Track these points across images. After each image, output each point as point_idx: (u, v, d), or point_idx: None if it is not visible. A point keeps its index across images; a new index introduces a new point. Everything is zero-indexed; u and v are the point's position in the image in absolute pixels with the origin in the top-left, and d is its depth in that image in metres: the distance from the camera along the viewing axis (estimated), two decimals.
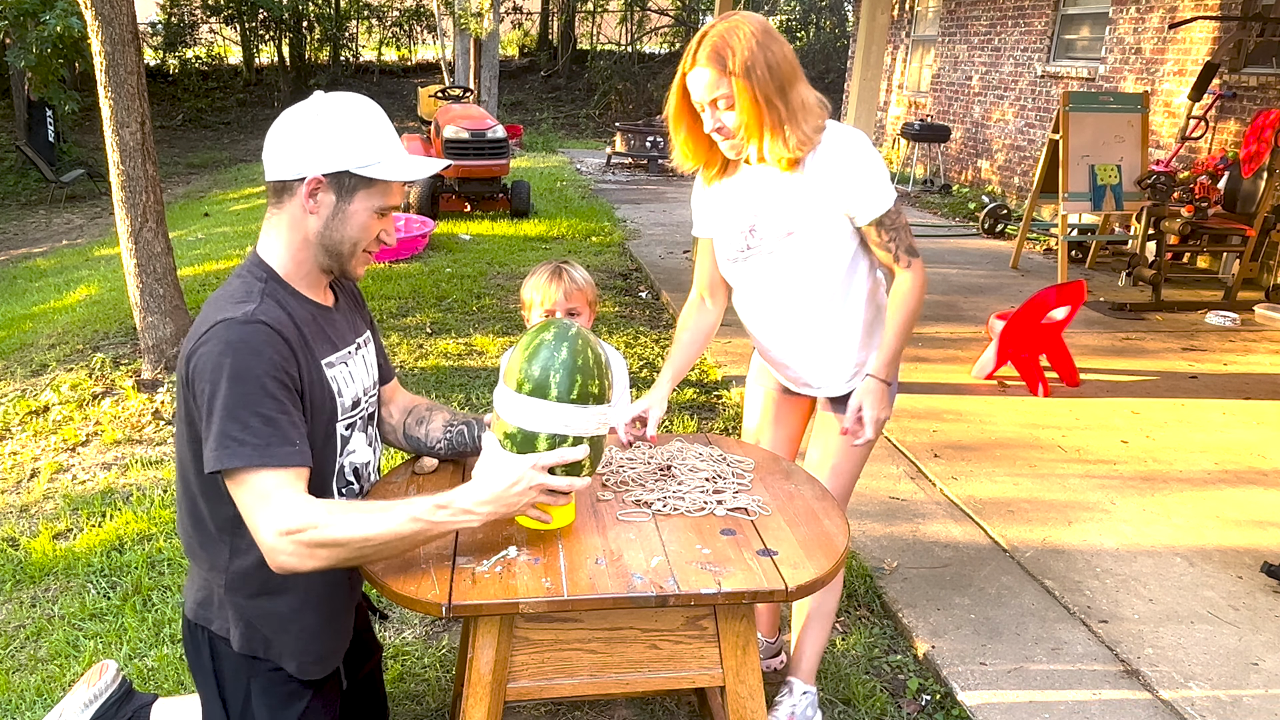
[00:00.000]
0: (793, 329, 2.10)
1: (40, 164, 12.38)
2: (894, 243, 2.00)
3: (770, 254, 2.03)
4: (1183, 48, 7.70)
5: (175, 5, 19.51)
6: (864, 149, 1.93)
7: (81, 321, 5.48)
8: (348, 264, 1.60)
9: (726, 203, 2.09)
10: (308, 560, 1.40)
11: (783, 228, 1.99)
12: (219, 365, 1.42)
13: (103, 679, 1.92)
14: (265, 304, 1.49)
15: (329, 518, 1.40)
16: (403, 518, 1.41)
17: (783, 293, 2.06)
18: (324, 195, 1.52)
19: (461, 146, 8.47)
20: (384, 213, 1.58)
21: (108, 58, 3.91)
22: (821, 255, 2.00)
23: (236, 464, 1.40)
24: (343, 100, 1.55)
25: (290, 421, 1.45)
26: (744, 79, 1.83)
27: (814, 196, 1.96)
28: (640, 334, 5.32)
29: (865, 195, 1.94)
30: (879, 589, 2.87)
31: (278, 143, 1.52)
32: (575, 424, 1.51)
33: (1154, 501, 3.46)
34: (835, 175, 1.93)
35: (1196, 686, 2.45)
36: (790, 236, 2.00)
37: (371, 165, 1.52)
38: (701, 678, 1.57)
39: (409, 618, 2.71)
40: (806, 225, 1.98)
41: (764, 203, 2.01)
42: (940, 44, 11.69)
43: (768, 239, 2.02)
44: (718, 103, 1.88)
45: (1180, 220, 6.15)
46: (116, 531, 3.10)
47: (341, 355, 1.64)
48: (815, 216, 1.97)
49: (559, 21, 21.55)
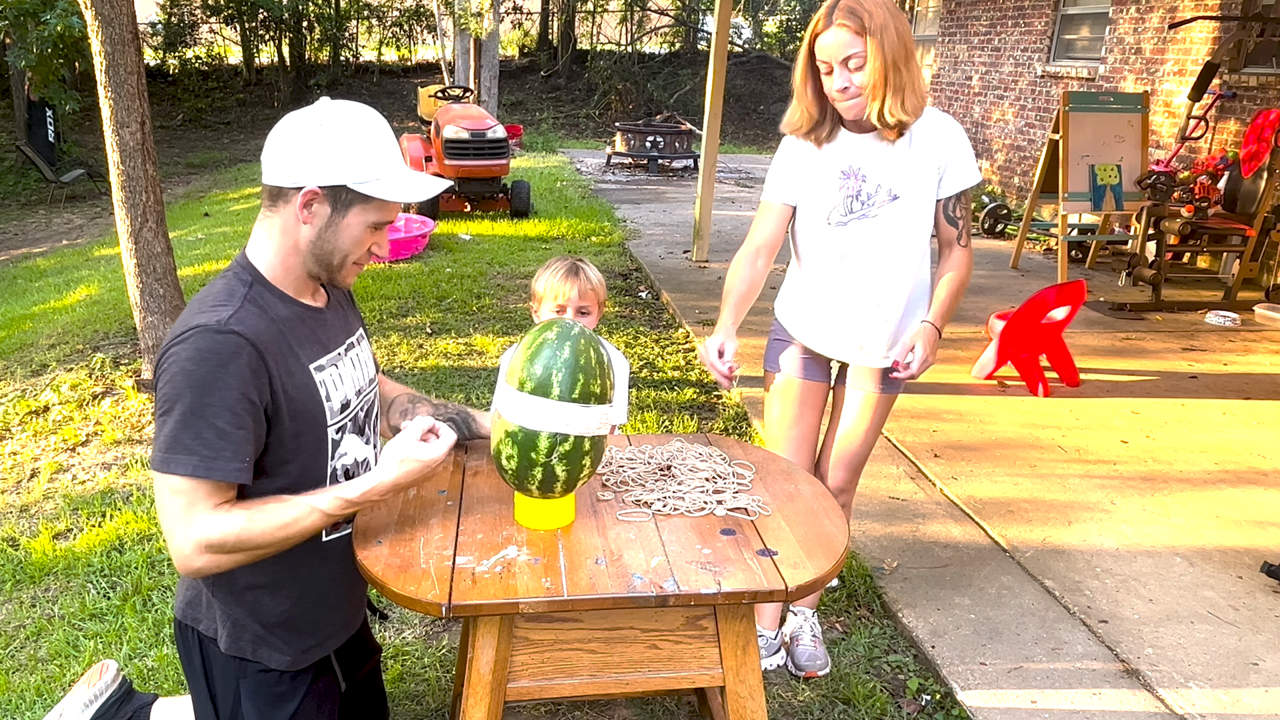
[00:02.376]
0: (874, 293, 2.21)
1: (40, 164, 12.37)
2: (963, 220, 2.18)
3: (875, 218, 2.15)
4: (1183, 48, 7.70)
5: (175, 5, 19.49)
6: (960, 127, 2.15)
7: (81, 321, 5.48)
8: (337, 274, 1.59)
9: (826, 168, 2.17)
10: (221, 564, 1.46)
11: (890, 192, 2.13)
12: (185, 371, 1.42)
13: (103, 679, 1.92)
14: (244, 310, 1.48)
15: (250, 525, 1.45)
16: (308, 511, 1.48)
17: (877, 256, 2.18)
18: (319, 206, 1.51)
19: (461, 146, 8.46)
20: (378, 227, 1.57)
21: (108, 58, 3.91)
22: (917, 222, 2.16)
23: (180, 471, 1.41)
24: (347, 111, 1.53)
25: (244, 437, 1.45)
26: (877, 39, 1.96)
27: (919, 163, 2.12)
28: (640, 334, 5.32)
29: (963, 165, 2.14)
30: (879, 589, 2.87)
31: (278, 148, 1.51)
32: (577, 423, 1.51)
33: (1154, 501, 3.46)
34: (940, 143, 2.12)
35: (1196, 686, 2.45)
36: (895, 201, 2.13)
37: (369, 182, 1.51)
38: (701, 678, 1.57)
39: (409, 618, 2.71)
40: (912, 190, 2.13)
41: (873, 168, 2.13)
42: (940, 44, 11.69)
43: (875, 202, 2.14)
44: (849, 61, 2.00)
45: (1180, 220, 6.15)
46: (116, 531, 3.10)
47: (331, 358, 1.63)
48: (919, 182, 2.13)
49: (559, 21, 21.54)
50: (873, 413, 2.36)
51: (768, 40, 21.75)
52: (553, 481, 1.54)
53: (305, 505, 1.48)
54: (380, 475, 1.51)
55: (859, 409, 2.36)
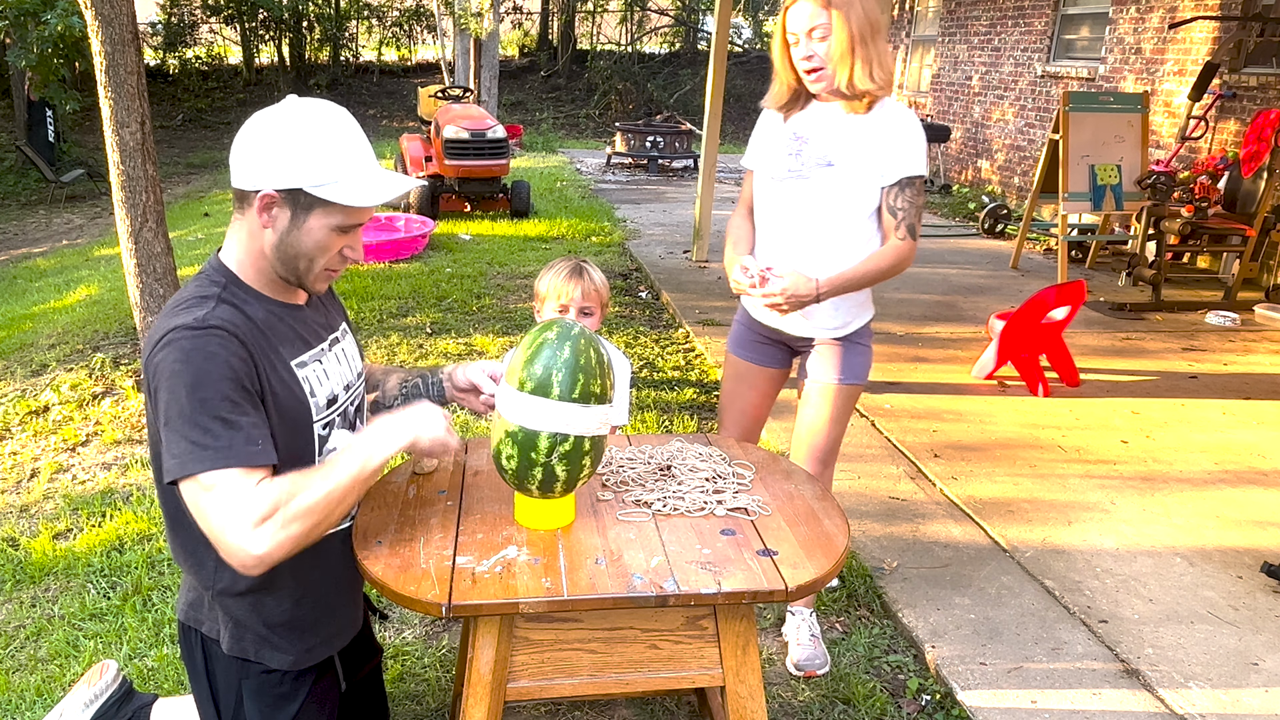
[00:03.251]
0: (810, 257, 2.26)
1: (40, 164, 12.37)
2: (904, 213, 2.21)
3: (808, 179, 2.24)
4: (1183, 48, 7.70)
5: (175, 5, 19.49)
6: (918, 122, 2.21)
7: (81, 321, 5.48)
8: (305, 279, 1.55)
9: (784, 132, 2.31)
10: (285, 543, 1.38)
11: (824, 157, 2.21)
12: (175, 374, 1.39)
13: (103, 679, 1.92)
14: (220, 308, 1.46)
15: (293, 488, 1.39)
16: (345, 461, 1.44)
17: (810, 220, 2.26)
18: (278, 210, 1.48)
19: (461, 146, 8.46)
20: (346, 230, 1.52)
21: (108, 58, 3.91)
22: (851, 195, 2.21)
23: (201, 468, 1.36)
24: (310, 111, 1.49)
25: (251, 423, 1.42)
26: (843, 12, 2.08)
27: (863, 138, 2.18)
28: (640, 334, 5.32)
29: (907, 152, 2.17)
30: (879, 589, 2.87)
31: (239, 150, 1.48)
32: (577, 423, 1.51)
33: (1154, 501, 3.46)
34: (891, 125, 2.18)
35: (1196, 686, 2.45)
36: (829, 168, 2.21)
37: (326, 185, 1.45)
38: (701, 678, 1.57)
39: (409, 618, 2.71)
40: (847, 161, 2.19)
41: (817, 132, 2.24)
42: (940, 44, 11.69)
43: (808, 164, 2.23)
44: (814, 32, 2.11)
45: (1180, 220, 6.15)
46: (116, 531, 3.10)
47: (314, 353, 1.61)
48: (858, 156, 2.19)
49: (559, 21, 21.54)
50: (832, 404, 2.39)
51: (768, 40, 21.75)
52: (553, 481, 1.54)
53: (339, 454, 1.44)
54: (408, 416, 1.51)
55: (819, 400, 2.40)
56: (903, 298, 6.19)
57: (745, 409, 2.55)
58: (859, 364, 2.38)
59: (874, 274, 2.21)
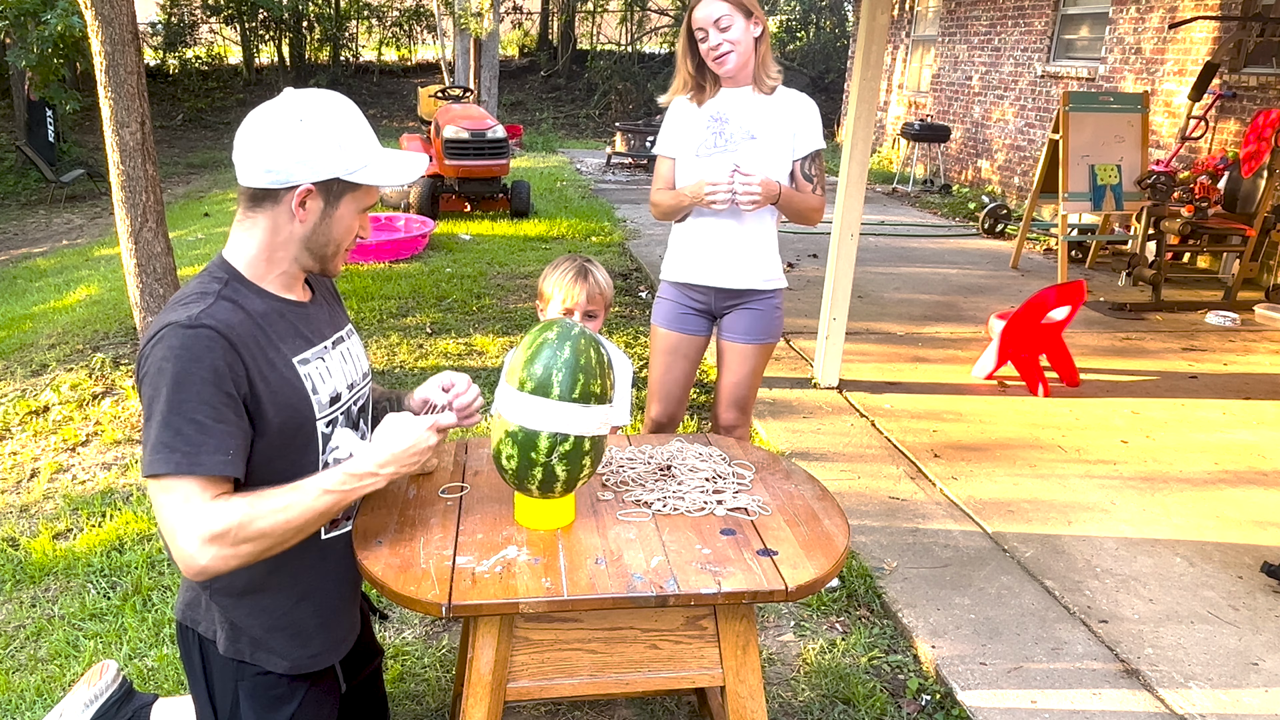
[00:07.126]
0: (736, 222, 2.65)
1: (40, 164, 12.36)
2: (817, 178, 2.66)
3: (734, 152, 2.59)
4: (1183, 48, 7.70)
5: (175, 5, 19.49)
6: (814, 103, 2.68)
7: (81, 321, 5.48)
8: (330, 264, 1.61)
9: (700, 117, 2.65)
10: (230, 560, 1.39)
11: (749, 130, 2.60)
12: (160, 370, 1.40)
13: (103, 679, 1.92)
14: (217, 305, 1.46)
15: (252, 511, 1.40)
16: (315, 493, 1.45)
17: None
18: (313, 202, 1.51)
19: (461, 146, 8.46)
20: (365, 211, 1.60)
21: (108, 58, 3.91)
22: (771, 164, 2.59)
23: (165, 470, 1.37)
24: (323, 103, 1.51)
25: (226, 430, 1.42)
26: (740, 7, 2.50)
27: (777, 116, 2.61)
28: (640, 334, 5.32)
29: (814, 129, 2.64)
30: (879, 589, 2.87)
31: (258, 150, 1.47)
32: (577, 423, 1.51)
33: (1154, 501, 3.46)
34: (798, 106, 2.63)
35: (1196, 686, 2.45)
36: (753, 140, 2.60)
37: (359, 170, 1.52)
38: (701, 678, 1.57)
39: (409, 618, 2.71)
40: (767, 134, 2.60)
41: (736, 111, 2.62)
42: (940, 44, 11.69)
43: (733, 139, 2.60)
44: (719, 21, 2.49)
45: (1180, 220, 6.16)
46: (116, 531, 3.10)
47: (318, 351, 1.61)
48: (775, 130, 2.60)
49: (559, 21, 21.53)
50: (752, 359, 2.77)
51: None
52: (553, 481, 1.54)
53: (310, 485, 1.46)
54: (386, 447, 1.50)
55: (739, 356, 2.77)
56: (903, 298, 6.19)
57: (678, 378, 2.84)
58: (777, 324, 2.78)
59: (809, 203, 2.64)
